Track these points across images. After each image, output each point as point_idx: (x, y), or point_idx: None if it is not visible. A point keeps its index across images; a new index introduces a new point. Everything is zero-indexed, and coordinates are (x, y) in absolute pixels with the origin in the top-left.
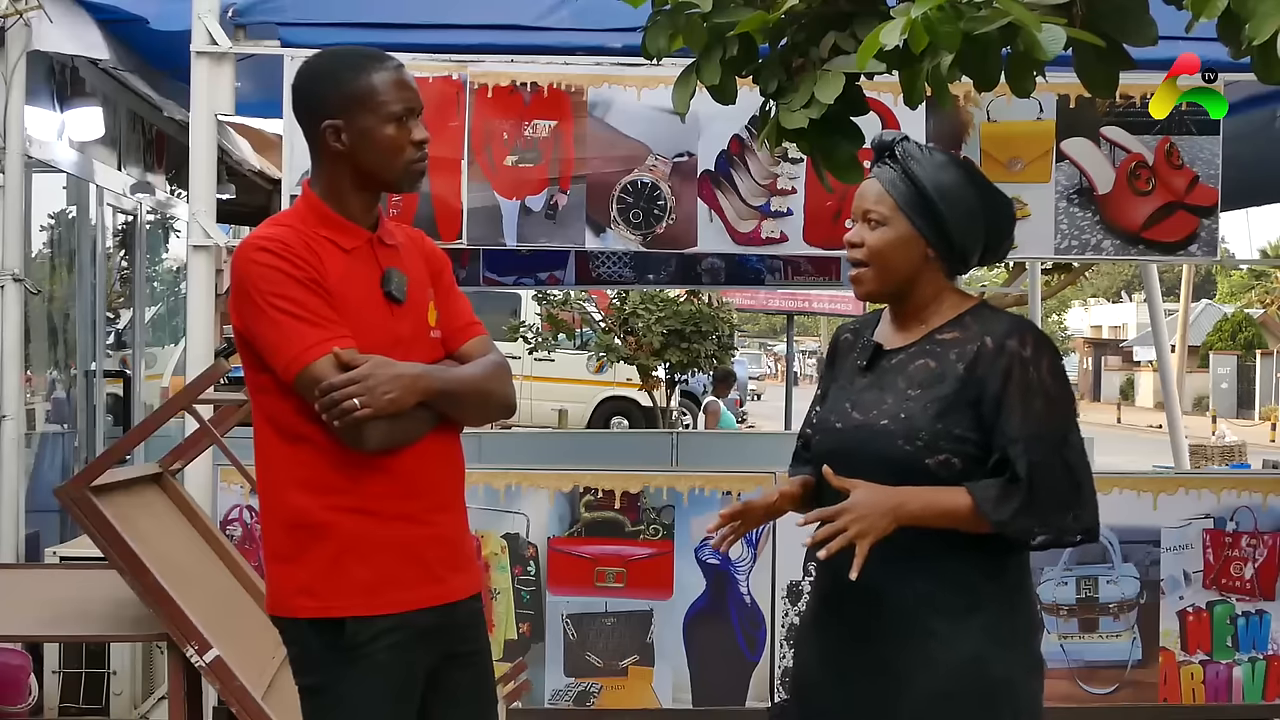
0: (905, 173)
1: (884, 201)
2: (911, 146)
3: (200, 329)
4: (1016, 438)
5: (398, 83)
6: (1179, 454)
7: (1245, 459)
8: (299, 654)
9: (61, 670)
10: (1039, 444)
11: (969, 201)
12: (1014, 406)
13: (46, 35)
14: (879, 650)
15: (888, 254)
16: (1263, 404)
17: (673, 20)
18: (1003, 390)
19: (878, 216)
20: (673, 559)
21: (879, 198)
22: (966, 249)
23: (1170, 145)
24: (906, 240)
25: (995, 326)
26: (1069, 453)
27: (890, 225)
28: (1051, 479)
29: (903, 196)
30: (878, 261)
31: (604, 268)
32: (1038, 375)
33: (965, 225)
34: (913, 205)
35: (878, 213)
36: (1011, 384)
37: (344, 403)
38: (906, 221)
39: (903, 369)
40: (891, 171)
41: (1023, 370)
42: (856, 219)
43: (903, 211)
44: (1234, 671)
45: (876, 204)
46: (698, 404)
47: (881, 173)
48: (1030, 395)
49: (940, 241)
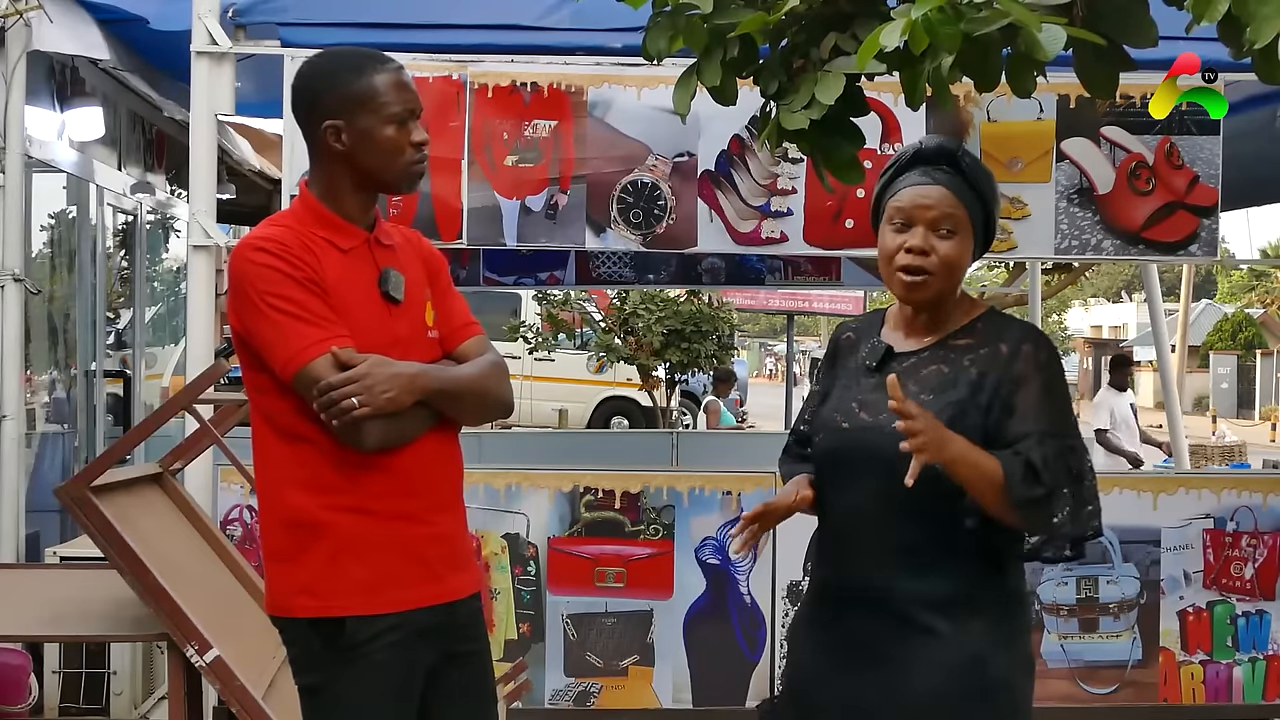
0: (970, 183)
1: (958, 210)
2: (973, 159)
3: (200, 329)
4: (1030, 433)
5: (398, 84)
6: (1179, 454)
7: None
8: (299, 654)
9: (61, 670)
10: (1050, 442)
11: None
12: (1028, 408)
13: (46, 35)
14: (877, 649)
15: (958, 264)
16: (1263, 404)
17: (673, 21)
18: (1015, 393)
19: (951, 226)
20: (673, 559)
21: (953, 206)
22: (984, 253)
23: (1170, 145)
24: (969, 250)
25: (1009, 333)
26: (1072, 458)
27: (960, 235)
28: (1057, 478)
29: (973, 208)
30: (947, 271)
31: (604, 268)
32: (1051, 382)
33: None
34: (978, 216)
35: (950, 222)
36: (1027, 389)
37: (342, 402)
38: (971, 232)
39: (914, 373)
40: (955, 180)
41: (1038, 375)
42: (918, 223)
43: (972, 222)
44: (1234, 671)
45: (951, 211)
46: (698, 404)
47: (944, 179)
48: (1044, 399)
49: (981, 251)
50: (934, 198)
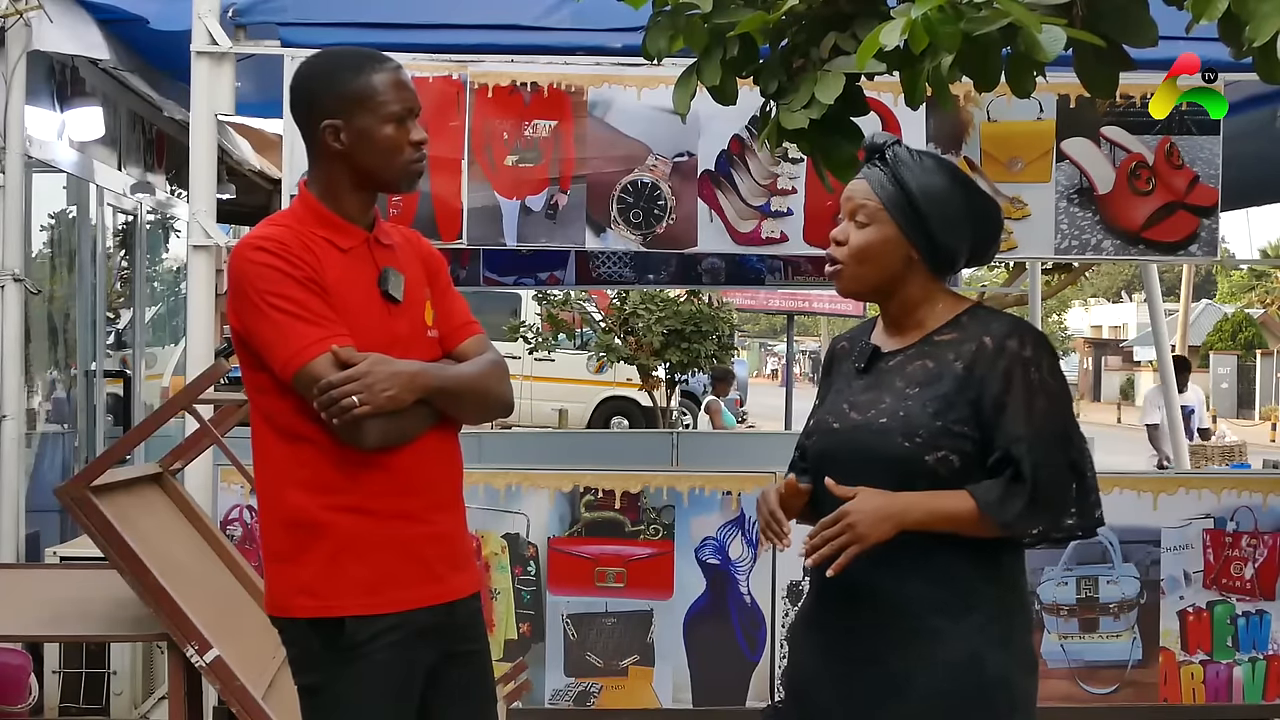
0: (894, 176)
1: (870, 201)
2: (902, 151)
3: (200, 329)
4: (1020, 437)
5: (397, 83)
6: (1179, 454)
7: (1245, 459)
8: (299, 654)
9: (61, 670)
10: (1043, 443)
11: (955, 206)
12: (1017, 407)
13: (46, 35)
14: (876, 649)
15: (868, 254)
16: (1263, 404)
17: (673, 21)
18: (1004, 391)
19: (864, 216)
20: (673, 559)
21: (866, 197)
22: (953, 252)
23: (1170, 145)
24: (889, 242)
25: (994, 327)
26: (1072, 451)
27: (875, 226)
28: (1056, 477)
29: (890, 199)
30: (857, 260)
31: (604, 268)
32: (1039, 375)
33: (951, 229)
34: (899, 208)
35: (864, 212)
36: (1013, 384)
37: (342, 400)
38: (892, 223)
39: (900, 370)
40: (881, 173)
41: (1024, 370)
42: (843, 217)
43: (889, 213)
44: (1234, 671)
45: (863, 203)
46: (698, 404)
47: (871, 174)
48: (1033, 395)
49: (925, 244)
50: (851, 190)
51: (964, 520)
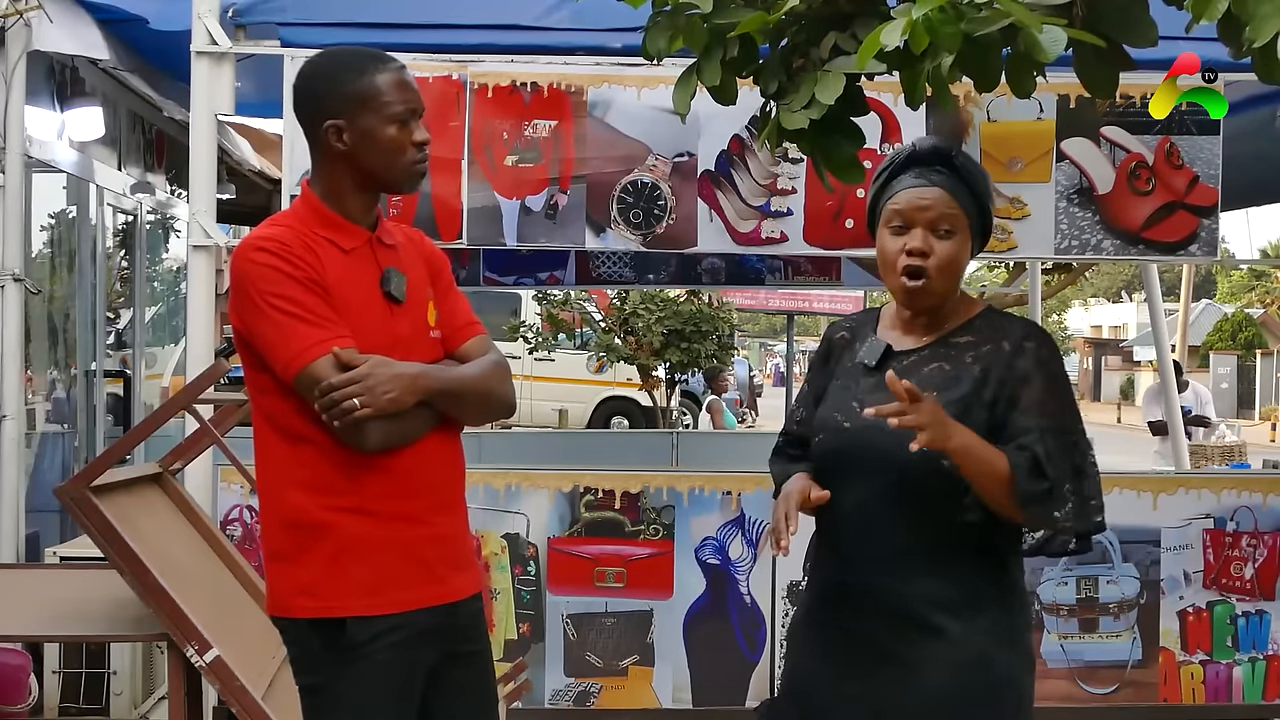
0: (966, 184)
1: (954, 211)
2: (966, 158)
3: (200, 329)
4: (1032, 428)
5: (400, 83)
6: (1179, 454)
7: (1245, 459)
8: (299, 654)
9: (61, 670)
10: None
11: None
12: (1031, 404)
13: (46, 35)
14: (881, 649)
15: (959, 264)
16: (1263, 404)
17: (673, 21)
18: (1021, 390)
19: (949, 226)
20: (673, 559)
21: (950, 206)
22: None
23: (1170, 145)
24: (967, 250)
25: (1011, 330)
26: (1076, 454)
27: (959, 236)
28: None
29: (970, 208)
30: (947, 271)
31: (604, 268)
32: (1055, 379)
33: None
34: (975, 216)
35: (949, 222)
36: (1030, 385)
37: (344, 402)
38: (969, 232)
39: (915, 371)
40: (951, 180)
41: (1041, 371)
42: (917, 225)
43: (969, 223)
44: (1234, 671)
45: (949, 212)
46: (698, 404)
47: (941, 180)
48: (1048, 395)
49: (979, 249)
50: (931, 198)
51: (995, 476)
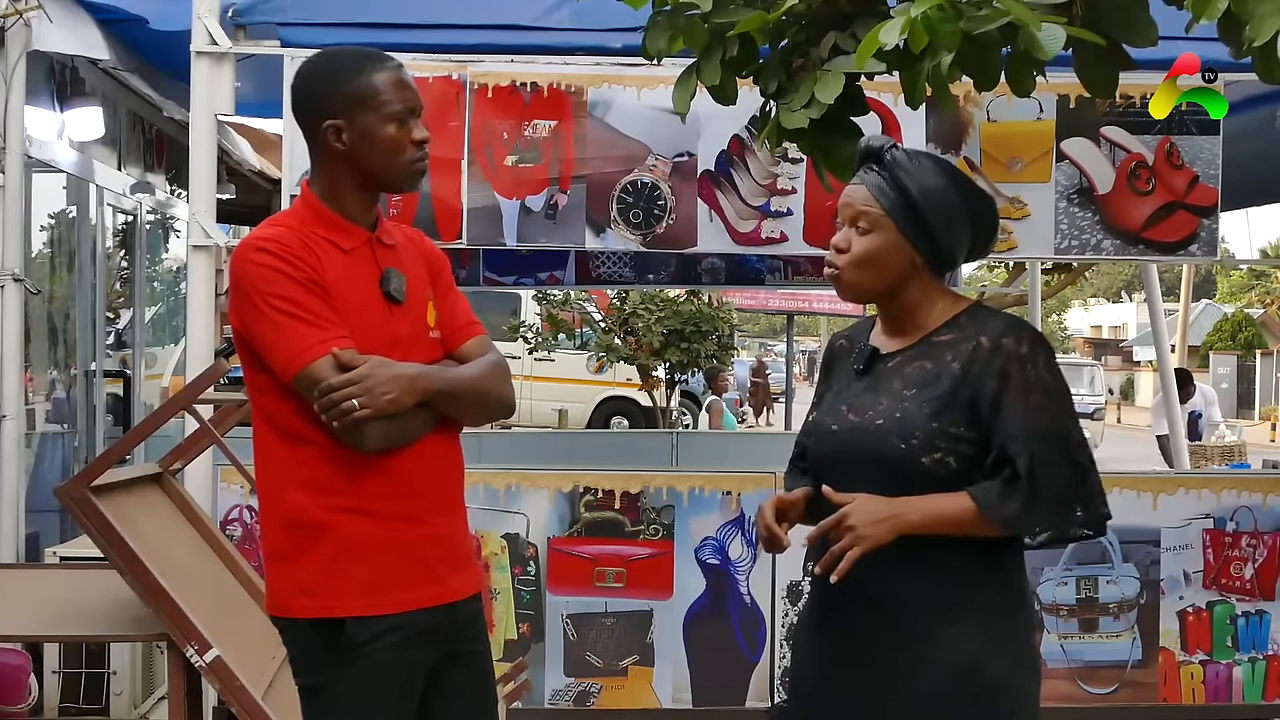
0: (893, 179)
1: (872, 207)
2: (899, 154)
3: (200, 329)
4: (1016, 434)
5: (398, 82)
6: (1179, 454)
7: (1245, 459)
8: (299, 654)
9: (61, 670)
10: (1040, 440)
11: (953, 205)
12: (1013, 404)
13: (46, 35)
14: (876, 651)
15: (873, 260)
16: (1263, 404)
17: (673, 21)
18: (1001, 389)
19: (866, 223)
20: (673, 559)
21: (867, 203)
22: (953, 251)
23: (1170, 145)
24: (893, 246)
25: (990, 326)
26: (1072, 447)
27: (877, 231)
28: (1054, 473)
29: (891, 203)
30: (862, 267)
31: (604, 268)
32: (1035, 372)
33: (951, 230)
34: (900, 212)
35: (865, 219)
36: (1010, 382)
37: (343, 403)
38: (894, 228)
39: (899, 371)
40: (879, 178)
41: (1020, 368)
42: (843, 223)
43: (891, 218)
44: (1234, 671)
45: (864, 209)
46: (698, 404)
47: (869, 178)
48: (1029, 392)
49: (927, 246)
50: (851, 196)
51: (964, 522)
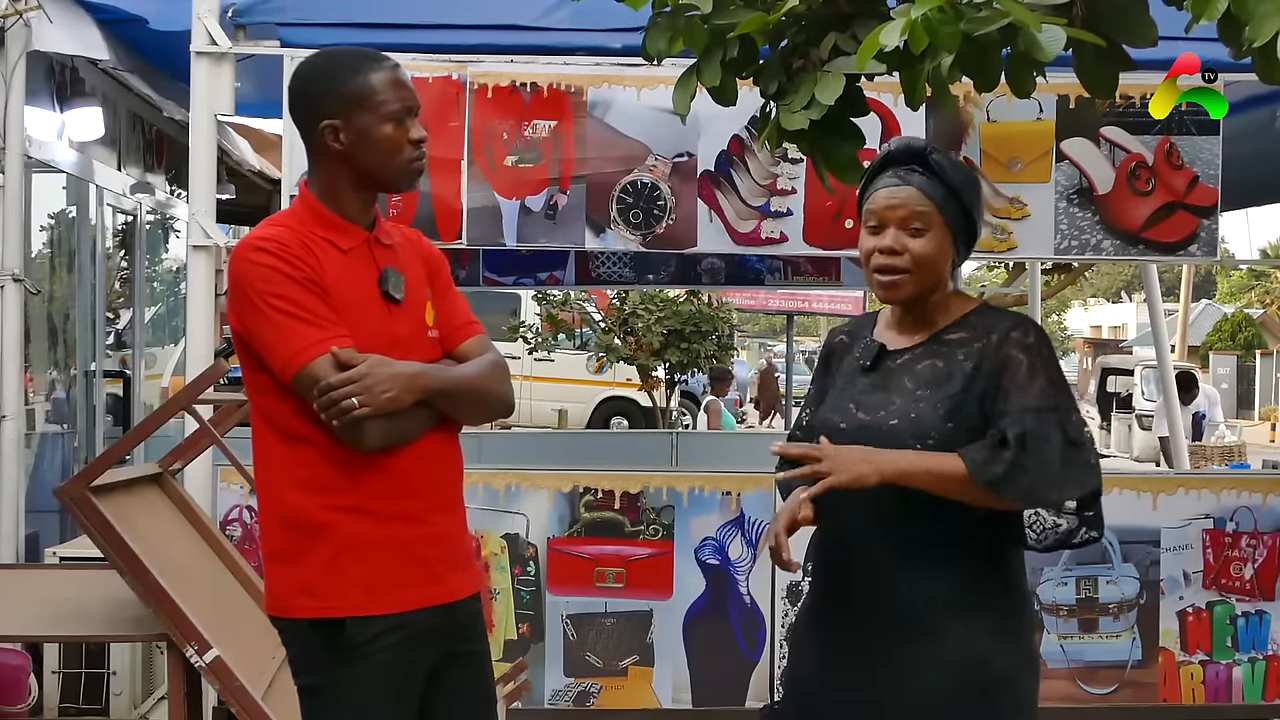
0: (941, 180)
1: (926, 208)
2: (943, 156)
3: (200, 329)
4: (1010, 410)
5: (395, 82)
6: (1178, 454)
7: (1245, 459)
8: (298, 654)
9: (61, 670)
10: (1034, 414)
11: (981, 202)
12: (1011, 387)
13: (46, 35)
14: (881, 647)
15: (932, 261)
16: (1263, 404)
17: (673, 22)
18: (1003, 374)
19: (921, 223)
20: (672, 559)
21: (921, 204)
22: (971, 249)
23: (1170, 145)
24: (944, 246)
25: (999, 323)
26: (1069, 427)
27: (932, 233)
28: (1044, 444)
29: (941, 204)
30: (922, 268)
31: (604, 268)
32: (1039, 361)
33: (980, 227)
34: (951, 212)
35: (920, 220)
36: (1010, 367)
37: (342, 402)
38: (945, 228)
39: (909, 369)
40: (924, 179)
41: (1025, 354)
42: (890, 224)
43: (943, 218)
44: (1234, 671)
45: (920, 209)
46: (698, 404)
47: (913, 179)
48: (1031, 376)
49: (965, 245)
50: (902, 197)
51: (950, 477)
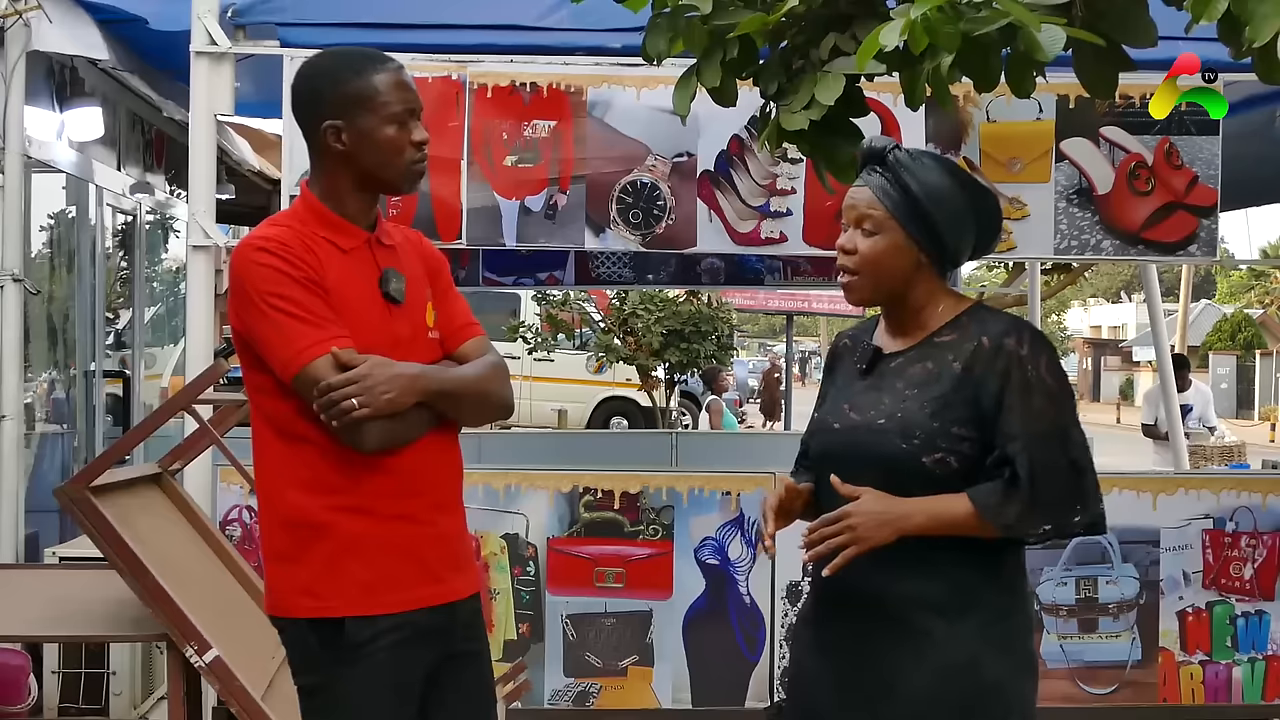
0: (897, 180)
1: (876, 209)
2: (902, 154)
3: (200, 329)
4: (1016, 435)
5: (398, 83)
6: (1178, 454)
7: (1245, 459)
8: (298, 654)
9: (61, 670)
10: (1040, 442)
11: (957, 204)
12: (1014, 405)
13: (46, 35)
14: (874, 650)
15: (881, 262)
16: (1262, 404)
17: (673, 22)
18: (1002, 389)
19: (871, 225)
20: (672, 559)
21: (871, 205)
22: (958, 250)
23: (1170, 145)
24: (899, 248)
25: (991, 326)
26: (1072, 449)
27: (883, 233)
28: (1054, 476)
29: (895, 204)
30: (870, 269)
31: (604, 268)
32: (1036, 373)
33: (956, 228)
34: (905, 213)
35: (870, 221)
36: (1010, 383)
37: (342, 402)
38: (900, 229)
39: (901, 371)
40: (883, 179)
41: (1021, 369)
42: (848, 225)
43: (896, 219)
44: (1233, 672)
45: (869, 212)
46: (698, 404)
47: (872, 180)
48: (1030, 393)
49: (932, 246)
50: (855, 198)
51: (964, 525)
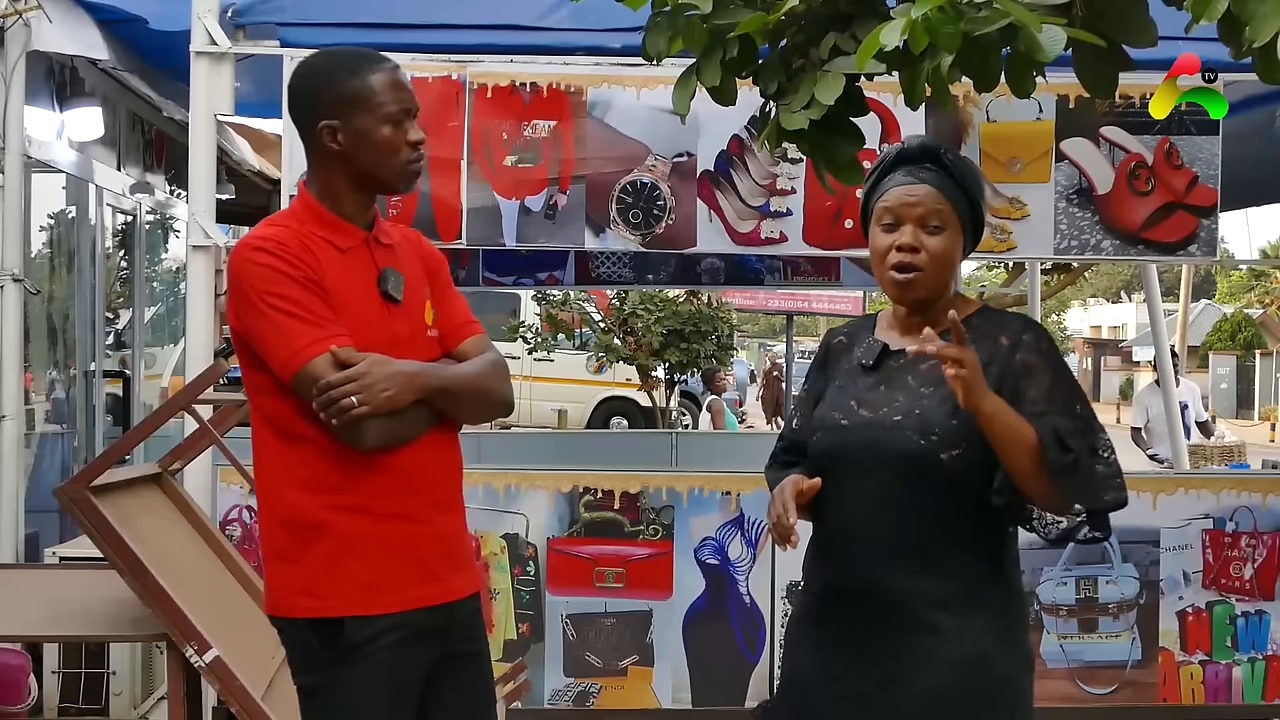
0: (954, 179)
1: (943, 206)
2: (955, 155)
3: (200, 329)
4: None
5: (394, 83)
6: (1178, 454)
7: (1245, 459)
8: (298, 654)
9: (61, 670)
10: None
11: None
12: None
13: (46, 35)
14: (880, 646)
15: (949, 258)
16: (1262, 404)
17: (672, 22)
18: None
19: (938, 222)
20: (672, 559)
21: (938, 202)
22: (973, 249)
23: (1170, 145)
24: (958, 246)
25: (1007, 326)
26: (1100, 445)
27: (948, 230)
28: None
29: (959, 205)
30: (937, 266)
31: (604, 268)
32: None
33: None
34: (964, 212)
35: (937, 218)
36: (1036, 375)
37: (341, 401)
38: (960, 227)
39: (912, 368)
40: (939, 177)
41: (1044, 360)
42: (906, 221)
43: (959, 217)
44: (1233, 671)
45: (937, 207)
46: (698, 404)
47: (928, 177)
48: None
49: (972, 243)
50: (920, 195)
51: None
